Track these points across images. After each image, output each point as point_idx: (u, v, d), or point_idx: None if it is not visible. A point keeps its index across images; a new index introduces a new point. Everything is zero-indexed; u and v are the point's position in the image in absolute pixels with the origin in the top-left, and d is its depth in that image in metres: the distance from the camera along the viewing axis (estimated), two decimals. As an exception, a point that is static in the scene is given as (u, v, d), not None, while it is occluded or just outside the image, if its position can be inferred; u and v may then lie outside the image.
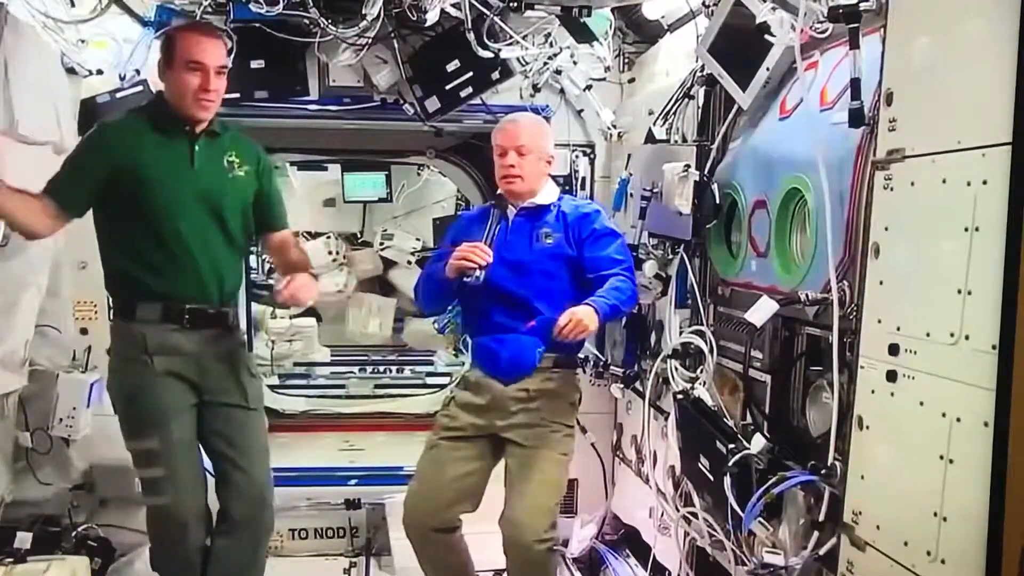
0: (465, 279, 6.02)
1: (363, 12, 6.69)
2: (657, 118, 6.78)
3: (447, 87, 7.71)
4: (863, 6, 4.18)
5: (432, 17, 6.75)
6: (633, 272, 6.14)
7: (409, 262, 14.09)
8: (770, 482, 4.49)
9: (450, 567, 6.45)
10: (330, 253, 14.19)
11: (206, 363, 6.00)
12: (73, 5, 6.87)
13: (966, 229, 3.33)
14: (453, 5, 6.72)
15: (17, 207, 5.55)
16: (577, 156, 8.33)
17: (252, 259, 12.76)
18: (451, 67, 7.62)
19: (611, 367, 7.55)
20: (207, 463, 6.29)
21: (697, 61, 6.17)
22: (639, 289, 6.47)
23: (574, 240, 6.19)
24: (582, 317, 5.69)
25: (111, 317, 6.45)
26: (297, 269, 6.13)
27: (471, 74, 7.65)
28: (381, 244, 14.28)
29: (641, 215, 6.45)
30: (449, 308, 8.90)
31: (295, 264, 6.27)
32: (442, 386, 11.06)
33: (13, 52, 5.87)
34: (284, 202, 6.45)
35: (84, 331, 7.45)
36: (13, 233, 5.95)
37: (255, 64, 7.54)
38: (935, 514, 3.46)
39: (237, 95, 7.11)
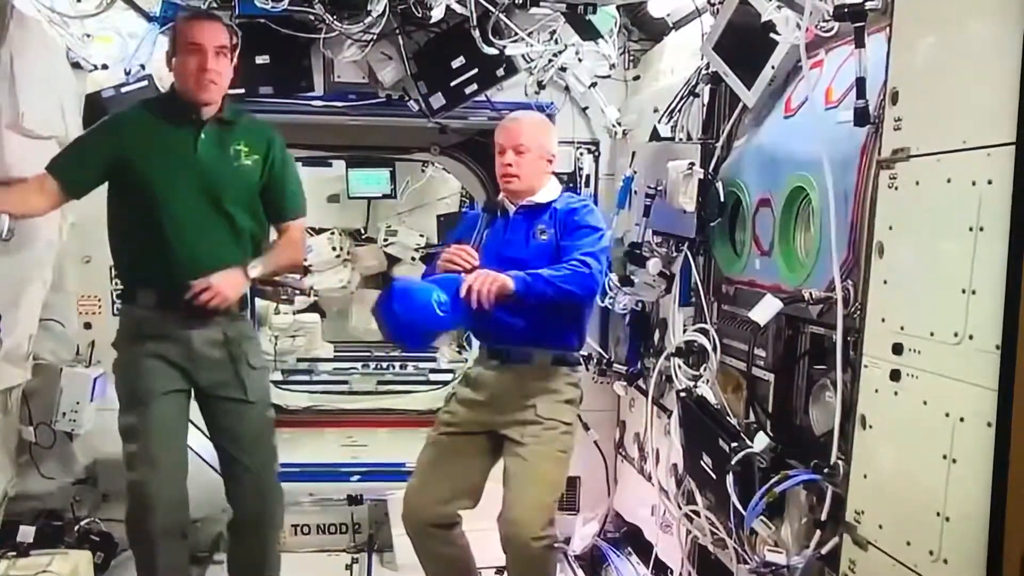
0: None
1: (368, 8, 6.73)
2: (662, 116, 6.79)
3: (452, 84, 7.70)
4: (868, 5, 4.18)
5: (437, 14, 6.77)
6: (595, 259, 5.96)
7: (413, 258, 14.13)
8: (772, 481, 4.49)
9: (449, 563, 6.43)
10: (334, 249, 14.27)
11: (200, 352, 6.00)
12: (79, 0, 6.89)
13: (971, 229, 3.32)
14: (458, 2, 6.74)
15: (4, 196, 5.73)
16: (582, 154, 8.33)
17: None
18: (456, 64, 7.62)
19: (614, 364, 7.58)
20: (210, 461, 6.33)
21: (702, 59, 6.17)
22: (643, 287, 6.49)
23: (560, 234, 6.18)
24: (490, 273, 5.68)
25: (115, 309, 6.48)
26: (279, 267, 6.23)
27: (476, 71, 7.64)
28: (385, 240, 14.34)
29: (645, 213, 6.45)
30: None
31: (278, 260, 6.27)
32: (445, 382, 11.03)
33: (19, 46, 5.90)
34: (297, 194, 6.37)
35: (88, 325, 7.48)
36: (18, 227, 5.98)
37: (260, 60, 7.53)
38: (938, 514, 3.46)
39: (242, 91, 7.11)
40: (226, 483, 6.26)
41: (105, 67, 7.26)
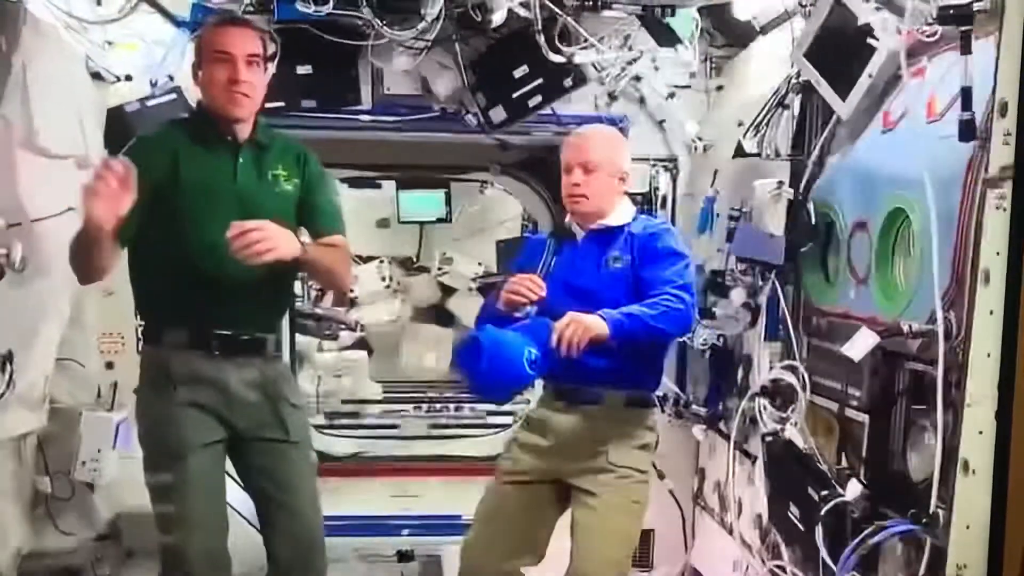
0: (515, 314, 5.97)
1: (422, 12, 6.72)
2: (747, 130, 6.82)
3: (514, 95, 7.71)
4: (976, 7, 4.22)
5: (498, 18, 6.79)
6: (689, 293, 5.85)
7: (470, 289, 14.11)
8: (866, 532, 4.52)
9: (510, 625, 6.45)
10: (383, 279, 14.23)
11: (237, 395, 5.88)
12: (99, 4, 6.99)
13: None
14: (522, 4, 6.75)
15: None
16: (658, 172, 8.33)
17: (297, 286, 12.71)
18: (519, 73, 7.62)
19: (692, 406, 7.58)
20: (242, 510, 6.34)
21: (793, 67, 6.20)
22: (725, 320, 6.51)
23: (638, 262, 6.09)
24: (583, 320, 5.56)
25: (139, 347, 6.47)
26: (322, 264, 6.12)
27: (541, 81, 7.65)
28: (439, 269, 14.33)
29: (728, 237, 6.48)
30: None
31: (323, 254, 6.01)
32: (505, 426, 10.99)
33: (33, 55, 5.95)
34: (336, 212, 6.18)
35: (110, 365, 7.50)
36: (32, 256, 5.95)
37: (302, 70, 7.54)
38: (1048, 568, 3.49)
39: (282, 104, 7.11)
40: (264, 531, 6.15)
41: (129, 78, 7.31)
